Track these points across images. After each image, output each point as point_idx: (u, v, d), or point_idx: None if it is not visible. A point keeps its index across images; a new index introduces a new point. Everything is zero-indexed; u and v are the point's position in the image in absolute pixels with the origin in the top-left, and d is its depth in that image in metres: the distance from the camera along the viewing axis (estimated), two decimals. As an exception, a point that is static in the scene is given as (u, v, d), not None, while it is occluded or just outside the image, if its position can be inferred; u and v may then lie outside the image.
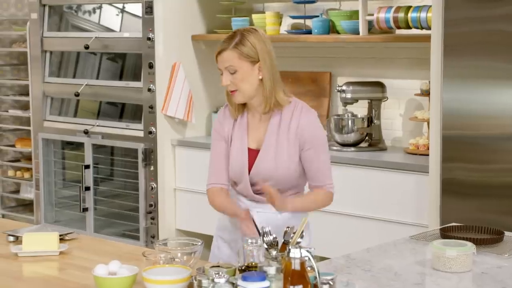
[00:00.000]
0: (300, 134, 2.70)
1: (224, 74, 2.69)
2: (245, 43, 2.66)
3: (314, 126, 2.72)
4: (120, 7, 5.21)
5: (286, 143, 2.70)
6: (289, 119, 2.71)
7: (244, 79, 2.67)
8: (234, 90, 2.69)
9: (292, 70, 4.99)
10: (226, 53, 2.66)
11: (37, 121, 5.55)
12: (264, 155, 2.72)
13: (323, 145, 2.73)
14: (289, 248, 1.94)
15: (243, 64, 2.66)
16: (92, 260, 2.56)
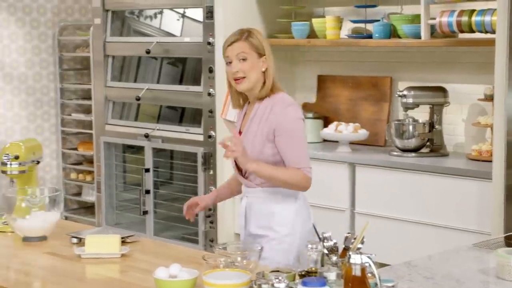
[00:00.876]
0: (272, 122, 2.89)
1: (234, 62, 2.92)
2: (254, 37, 2.94)
3: (285, 115, 2.89)
4: (181, 12, 5.27)
5: (256, 125, 2.92)
6: (266, 107, 2.93)
7: (253, 68, 2.91)
8: (242, 77, 2.91)
9: (352, 74, 4.97)
10: (239, 43, 2.92)
11: (99, 125, 5.65)
12: (243, 137, 2.95)
13: (293, 132, 2.89)
14: (349, 254, 1.93)
15: (253, 55, 2.92)
16: (153, 263, 2.59)
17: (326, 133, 4.68)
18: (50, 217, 2.92)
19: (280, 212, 2.96)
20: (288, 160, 2.90)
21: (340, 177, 4.42)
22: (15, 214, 2.90)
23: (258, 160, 2.88)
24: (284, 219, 2.96)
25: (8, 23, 5.90)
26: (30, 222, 2.89)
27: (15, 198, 2.95)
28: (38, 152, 3.23)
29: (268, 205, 2.96)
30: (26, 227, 2.90)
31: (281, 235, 2.94)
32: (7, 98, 5.93)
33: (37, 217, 2.91)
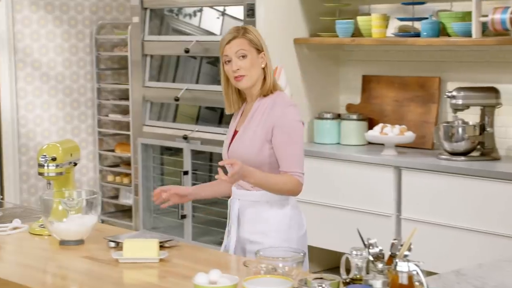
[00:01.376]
0: (271, 121, 2.92)
1: (234, 60, 2.94)
2: (251, 33, 2.98)
3: (284, 114, 2.92)
4: (221, 10, 5.29)
5: (255, 124, 2.95)
6: (265, 105, 2.96)
7: (253, 65, 2.94)
8: (243, 75, 2.93)
9: (398, 74, 4.94)
10: (237, 40, 2.95)
11: (136, 126, 5.71)
12: (238, 135, 2.99)
13: (292, 133, 2.92)
14: (396, 261, 1.93)
15: (252, 51, 2.95)
16: (192, 268, 2.61)
17: (371, 136, 4.66)
18: (87, 220, 2.96)
19: (275, 217, 2.98)
20: (282, 161, 2.92)
21: (385, 181, 4.40)
22: (52, 217, 2.94)
23: (251, 169, 2.86)
24: (280, 225, 2.98)
25: (46, 21, 5.99)
26: (67, 225, 2.93)
27: (52, 200, 2.99)
28: (75, 153, 3.27)
29: (261, 210, 2.98)
30: (63, 230, 2.94)
31: (277, 242, 2.94)
32: (44, 99, 6.02)
33: (74, 221, 2.95)
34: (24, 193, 5.96)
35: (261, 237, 2.96)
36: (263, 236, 2.96)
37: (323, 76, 5.20)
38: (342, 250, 4.47)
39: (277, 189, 2.92)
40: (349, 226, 4.48)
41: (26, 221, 3.27)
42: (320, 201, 4.70)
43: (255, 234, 2.98)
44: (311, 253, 3.25)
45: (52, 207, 2.96)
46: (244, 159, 2.92)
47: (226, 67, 2.98)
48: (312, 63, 5.12)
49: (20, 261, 2.84)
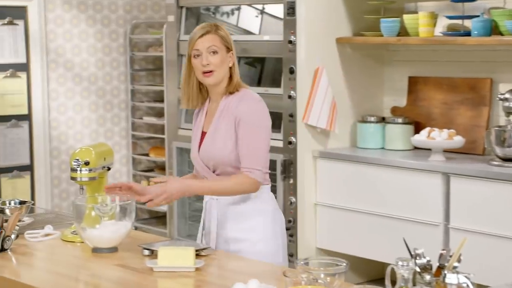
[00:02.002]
0: (236, 116, 3.04)
1: (204, 55, 3.06)
2: (222, 31, 3.12)
3: (250, 109, 3.05)
4: (260, 8, 5.30)
5: (225, 124, 3.07)
6: (231, 103, 3.08)
7: (222, 62, 3.07)
8: (212, 71, 3.06)
9: (447, 76, 4.90)
10: (210, 35, 3.07)
11: (171, 129, 5.74)
12: (207, 136, 3.12)
13: (256, 128, 3.03)
14: (445, 273, 1.91)
15: (223, 49, 3.08)
16: (229, 278, 2.62)
17: (418, 140, 4.63)
18: (121, 227, 2.98)
19: (259, 211, 3.11)
20: (242, 157, 3.03)
21: (433, 188, 4.37)
22: (85, 223, 2.97)
23: (188, 185, 3.00)
24: (264, 219, 3.12)
25: (78, 21, 6.06)
26: (100, 232, 2.96)
27: (85, 206, 3.02)
28: (109, 157, 3.30)
29: (243, 206, 3.10)
30: (96, 237, 2.96)
31: (266, 236, 3.10)
32: (77, 100, 6.09)
33: (108, 227, 2.97)
34: (56, 198, 6.03)
35: (246, 233, 3.09)
36: (248, 232, 3.09)
37: (366, 78, 5.19)
38: (387, 261, 4.45)
39: (230, 193, 3.05)
40: (394, 235, 4.46)
41: (58, 227, 3.32)
42: (363, 209, 4.68)
43: (240, 231, 3.10)
44: (354, 263, 3.23)
45: (84, 213, 3.00)
46: (218, 159, 3.07)
47: (194, 61, 3.09)
48: (355, 64, 5.11)
49: (52, 268, 2.87)
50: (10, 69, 5.78)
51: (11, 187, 5.83)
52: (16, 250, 3.03)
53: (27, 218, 3.39)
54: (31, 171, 5.92)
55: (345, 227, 4.78)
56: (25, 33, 5.82)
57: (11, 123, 5.82)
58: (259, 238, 3.10)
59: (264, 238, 3.10)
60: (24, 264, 2.93)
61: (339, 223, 4.80)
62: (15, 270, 2.87)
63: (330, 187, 4.86)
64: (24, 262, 2.94)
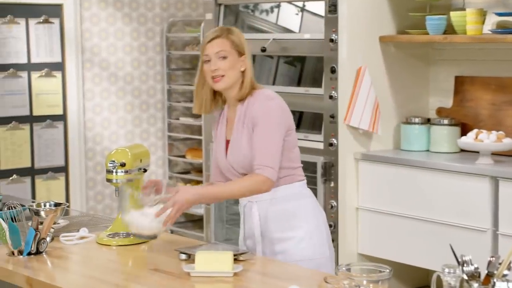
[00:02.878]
0: (251, 117, 3.09)
1: (213, 60, 3.10)
2: (234, 35, 3.14)
3: (263, 108, 3.08)
4: (300, 6, 5.30)
5: (246, 129, 3.11)
6: (248, 108, 3.12)
7: (232, 67, 3.10)
8: (221, 75, 3.10)
9: (496, 75, 4.85)
10: (219, 40, 3.11)
11: (209, 130, 5.76)
12: (232, 144, 3.15)
13: (269, 125, 3.06)
14: (494, 281, 1.89)
15: (233, 53, 3.11)
16: (269, 283, 2.62)
17: (465, 142, 4.59)
18: (164, 215, 3.00)
19: (299, 208, 3.17)
20: (255, 155, 3.06)
21: (480, 192, 4.32)
22: (130, 207, 3.01)
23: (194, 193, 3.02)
24: (305, 214, 3.17)
25: (114, 19, 6.12)
26: (143, 218, 2.99)
27: (131, 191, 3.06)
28: (145, 159, 3.32)
29: (285, 205, 3.15)
30: (140, 222, 2.99)
31: (309, 229, 3.15)
32: (112, 101, 6.15)
33: (151, 214, 3.00)
34: (91, 200, 6.09)
35: (291, 232, 3.14)
36: (292, 229, 3.14)
37: (411, 77, 5.15)
38: (432, 268, 4.42)
39: (243, 194, 3.10)
40: (440, 241, 4.42)
41: (93, 230, 3.35)
42: (407, 214, 4.65)
43: (285, 231, 3.14)
44: (398, 269, 3.22)
45: (128, 198, 3.04)
46: (246, 165, 3.10)
47: (204, 66, 3.13)
48: (399, 63, 5.08)
49: (87, 272, 2.90)
50: (45, 68, 5.85)
51: (45, 188, 5.91)
52: (51, 253, 3.06)
53: (62, 221, 3.42)
54: (66, 173, 5.98)
55: (388, 232, 4.76)
56: (61, 32, 5.89)
57: (46, 123, 5.89)
58: (304, 234, 3.15)
59: (309, 234, 3.16)
60: (59, 267, 2.96)
61: (382, 228, 4.77)
62: (50, 273, 2.90)
63: (373, 190, 4.84)
64: (59, 265, 2.98)
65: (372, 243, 4.87)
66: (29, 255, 3.00)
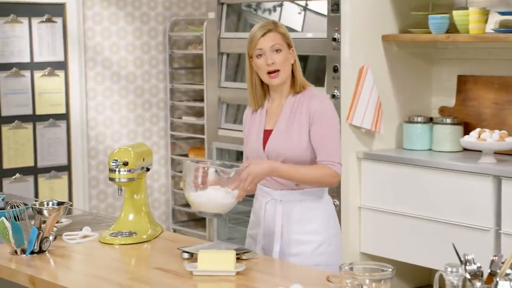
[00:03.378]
0: (310, 113, 3.09)
1: (269, 54, 3.07)
2: (282, 28, 3.14)
3: (324, 106, 3.11)
4: (303, 5, 5.30)
5: (298, 123, 3.10)
6: (302, 102, 3.12)
7: (286, 60, 3.10)
8: (277, 70, 3.08)
9: (499, 74, 4.85)
10: (272, 34, 3.09)
11: (211, 129, 5.77)
12: (276, 133, 3.13)
13: (331, 124, 3.11)
14: (496, 280, 1.89)
15: (285, 46, 3.11)
16: (271, 283, 2.62)
17: (467, 142, 4.58)
18: (230, 194, 2.95)
19: (321, 213, 3.17)
20: (320, 151, 3.08)
21: (483, 191, 4.32)
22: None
23: (269, 165, 3.02)
24: (328, 220, 3.18)
25: (117, 18, 6.12)
26: (209, 195, 2.94)
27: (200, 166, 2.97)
28: (148, 158, 3.32)
29: (307, 207, 3.15)
30: (205, 199, 2.95)
31: (329, 236, 3.16)
32: (115, 99, 6.15)
33: (217, 192, 2.94)
34: (93, 199, 6.09)
35: (310, 235, 3.14)
36: (312, 234, 3.14)
37: (414, 76, 5.15)
38: (435, 267, 4.42)
39: (313, 181, 3.09)
40: (442, 240, 4.42)
41: (96, 229, 3.35)
42: (409, 213, 4.65)
43: (303, 234, 3.14)
44: (400, 269, 3.21)
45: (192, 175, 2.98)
46: (289, 156, 3.09)
47: (258, 61, 3.10)
48: (402, 62, 5.08)
49: (90, 271, 2.90)
50: (48, 67, 5.86)
51: (48, 187, 5.91)
52: (54, 251, 3.06)
53: (65, 220, 3.43)
54: (69, 172, 5.99)
55: (391, 231, 4.76)
56: (63, 31, 5.89)
57: (49, 122, 5.89)
58: (322, 240, 3.16)
59: (328, 240, 3.17)
60: (62, 266, 2.96)
61: (385, 227, 4.77)
62: (53, 272, 2.91)
63: (375, 189, 4.84)
64: (62, 264, 2.98)
65: (374, 242, 4.87)
66: (32, 254, 3.01)
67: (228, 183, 2.95)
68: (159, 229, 3.36)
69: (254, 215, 3.30)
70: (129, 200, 3.29)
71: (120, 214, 3.31)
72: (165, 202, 6.42)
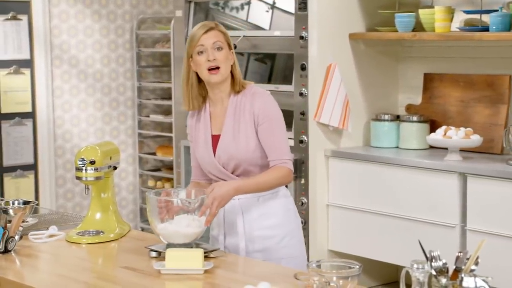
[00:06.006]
0: (254, 113, 3.12)
1: (210, 51, 3.11)
2: (223, 29, 3.20)
3: (266, 104, 3.15)
4: (271, 3, 5.31)
5: (244, 124, 3.14)
6: (244, 102, 3.15)
7: (226, 59, 3.13)
8: (218, 67, 3.11)
9: (464, 72, 4.89)
10: (214, 31, 3.15)
11: (179, 127, 5.75)
12: (224, 137, 3.16)
13: (277, 121, 3.15)
14: (461, 276, 1.91)
15: (226, 45, 3.15)
16: (239, 280, 2.62)
17: (433, 139, 4.62)
18: (198, 222, 2.93)
19: (281, 207, 3.21)
20: (270, 151, 3.13)
21: (449, 188, 4.36)
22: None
23: (233, 186, 3.03)
24: (288, 213, 3.23)
25: (84, 16, 6.08)
26: (177, 227, 2.91)
27: (164, 199, 2.95)
28: (115, 157, 3.31)
29: (268, 203, 3.18)
30: (172, 231, 2.90)
31: (291, 229, 3.21)
32: (82, 98, 6.11)
33: (183, 222, 2.92)
34: (60, 198, 6.05)
35: (272, 229, 3.18)
36: (274, 228, 3.18)
37: (380, 74, 5.18)
38: (402, 264, 4.45)
39: (273, 186, 3.14)
40: (409, 237, 4.45)
41: (62, 228, 3.33)
42: (377, 210, 4.68)
43: (265, 229, 3.18)
44: (367, 266, 3.23)
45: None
46: (241, 159, 3.13)
47: (198, 58, 3.11)
48: (369, 60, 5.10)
49: (57, 270, 2.88)
50: (13, 65, 5.80)
51: (14, 187, 5.86)
52: (19, 251, 3.04)
53: (31, 219, 3.40)
54: (35, 171, 5.94)
55: (358, 229, 4.78)
56: (29, 29, 5.84)
57: (15, 121, 5.84)
58: (285, 233, 3.19)
59: (290, 233, 3.21)
60: (28, 266, 2.94)
61: (352, 225, 4.79)
62: (19, 271, 2.88)
63: (343, 187, 4.86)
64: (28, 264, 2.96)
65: (342, 240, 4.89)
66: (-2, 254, 2.98)
67: (194, 212, 2.96)
68: (127, 227, 3.35)
69: None
70: (96, 199, 3.28)
71: (87, 213, 3.29)
72: (133, 201, 6.40)
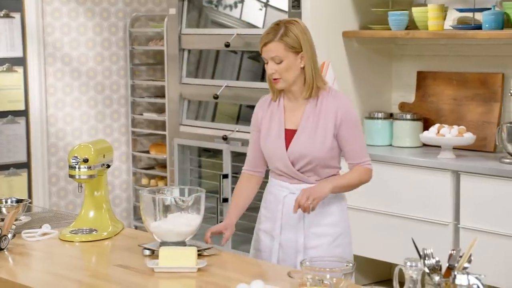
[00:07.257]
0: (337, 116, 3.14)
1: (270, 64, 3.12)
2: (289, 34, 3.10)
3: (349, 108, 3.18)
4: (264, 1, 5.30)
5: (322, 124, 3.14)
6: (325, 103, 3.16)
7: (288, 69, 3.11)
8: (278, 78, 3.12)
9: (457, 70, 4.90)
10: (272, 44, 3.09)
11: (173, 126, 5.75)
12: (301, 133, 3.15)
13: (358, 125, 3.21)
14: (454, 274, 1.91)
15: (288, 55, 3.10)
16: (233, 278, 2.62)
17: (427, 137, 4.63)
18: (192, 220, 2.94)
19: (337, 206, 3.23)
20: (352, 154, 3.18)
21: (442, 186, 4.37)
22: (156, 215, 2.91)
23: (327, 181, 3.13)
24: (343, 213, 3.25)
25: (77, 14, 6.07)
26: (170, 225, 2.90)
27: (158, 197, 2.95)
28: (108, 155, 3.31)
29: (326, 201, 3.16)
30: (165, 229, 2.91)
31: (345, 228, 3.25)
32: (75, 96, 6.10)
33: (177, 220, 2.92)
34: (53, 196, 6.04)
35: (328, 228, 3.19)
36: (328, 227, 3.19)
37: (374, 72, 5.18)
38: (395, 261, 4.46)
39: (358, 185, 3.20)
40: (402, 235, 4.46)
41: (56, 226, 3.32)
42: (370, 208, 4.68)
43: (322, 226, 3.18)
44: (361, 263, 3.24)
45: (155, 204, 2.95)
46: (314, 157, 3.13)
47: (266, 65, 3.15)
48: (362, 58, 5.11)
49: (50, 269, 2.88)
50: (6, 63, 5.79)
51: (7, 185, 5.85)
52: (13, 250, 3.03)
53: (24, 217, 3.39)
54: (28, 169, 5.92)
55: (351, 226, 4.77)
56: (22, 26, 5.82)
57: (8, 119, 5.82)
58: (339, 233, 3.21)
59: (344, 233, 3.23)
60: (21, 264, 2.94)
61: (346, 223, 4.80)
62: (12, 270, 2.88)
63: (336, 185, 4.85)
64: (21, 262, 2.95)
65: (335, 238, 4.89)
66: (-9, 252, 2.98)
67: (188, 210, 2.94)
68: (120, 226, 3.35)
69: (267, 210, 3.29)
70: (89, 197, 3.28)
71: (81, 211, 3.29)
72: (126, 199, 6.39)
